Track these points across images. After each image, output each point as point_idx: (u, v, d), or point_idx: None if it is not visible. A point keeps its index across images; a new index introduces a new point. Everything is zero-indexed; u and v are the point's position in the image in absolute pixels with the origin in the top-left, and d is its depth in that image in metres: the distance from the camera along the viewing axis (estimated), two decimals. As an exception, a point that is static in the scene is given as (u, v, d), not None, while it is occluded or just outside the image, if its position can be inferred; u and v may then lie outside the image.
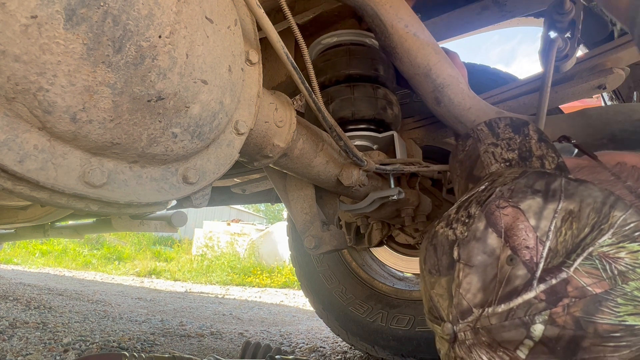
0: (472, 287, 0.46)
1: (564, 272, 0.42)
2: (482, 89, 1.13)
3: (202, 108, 0.50)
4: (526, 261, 0.44)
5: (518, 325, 0.42)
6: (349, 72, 1.08)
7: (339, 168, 0.92)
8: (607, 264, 0.41)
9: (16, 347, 1.49)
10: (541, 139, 0.58)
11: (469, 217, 0.50)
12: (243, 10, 0.63)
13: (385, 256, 1.84)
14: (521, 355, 0.42)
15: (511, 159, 0.58)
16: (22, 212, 1.89)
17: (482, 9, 1.19)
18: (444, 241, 0.51)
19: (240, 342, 1.96)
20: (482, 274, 0.46)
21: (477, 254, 0.47)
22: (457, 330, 0.46)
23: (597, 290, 0.40)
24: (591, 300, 0.40)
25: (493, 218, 0.48)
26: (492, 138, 0.61)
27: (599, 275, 0.41)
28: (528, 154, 0.57)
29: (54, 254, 7.64)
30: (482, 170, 0.60)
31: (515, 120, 0.61)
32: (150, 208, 0.53)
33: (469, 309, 0.46)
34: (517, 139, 0.59)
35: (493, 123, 0.62)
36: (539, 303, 0.42)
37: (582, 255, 0.42)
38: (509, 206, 0.48)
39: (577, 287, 0.41)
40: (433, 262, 0.52)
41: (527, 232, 0.45)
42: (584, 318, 0.39)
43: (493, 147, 0.60)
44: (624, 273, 0.40)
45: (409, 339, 1.47)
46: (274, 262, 7.88)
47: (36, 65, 0.36)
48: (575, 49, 1.01)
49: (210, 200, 2.07)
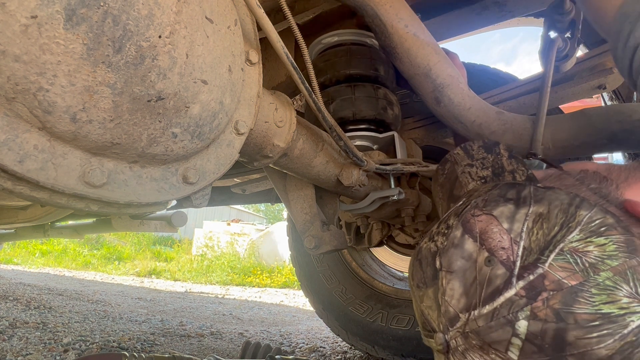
0: (455, 293, 0.48)
1: (539, 268, 0.44)
2: (482, 89, 1.13)
3: (202, 108, 0.50)
4: (503, 260, 0.46)
5: (504, 324, 0.43)
6: (349, 72, 1.08)
7: (339, 168, 0.92)
8: (578, 257, 0.43)
9: (16, 347, 1.49)
10: (511, 156, 0.63)
11: (448, 228, 0.53)
12: (243, 10, 0.63)
13: (385, 256, 1.84)
14: (513, 356, 0.43)
15: (486, 176, 0.63)
16: (22, 212, 1.89)
17: (482, 9, 1.19)
18: (427, 254, 0.54)
19: (240, 342, 1.96)
20: (462, 278, 0.48)
21: (456, 259, 0.49)
22: (448, 339, 0.48)
23: (572, 282, 0.42)
24: (568, 292, 0.42)
25: (469, 225, 0.51)
26: (468, 159, 0.66)
27: (571, 269, 0.43)
28: (500, 170, 0.62)
29: (54, 254, 7.64)
30: (461, 190, 0.64)
31: (487, 142, 0.66)
32: (150, 208, 0.53)
33: (455, 315, 0.47)
34: (490, 158, 0.64)
35: (467, 146, 0.67)
36: (520, 299, 0.43)
37: (555, 251, 0.44)
38: (483, 214, 0.51)
39: (554, 280, 0.43)
40: (420, 276, 0.54)
41: (501, 234, 0.48)
42: (563, 309, 0.41)
43: (469, 168, 0.65)
44: (594, 265, 0.42)
45: (409, 339, 1.47)
46: (274, 262, 7.88)
47: (36, 65, 0.36)
48: (575, 49, 1.01)
49: (210, 200, 2.07)
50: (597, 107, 0.87)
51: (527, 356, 0.42)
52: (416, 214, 1.28)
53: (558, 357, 0.41)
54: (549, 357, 0.41)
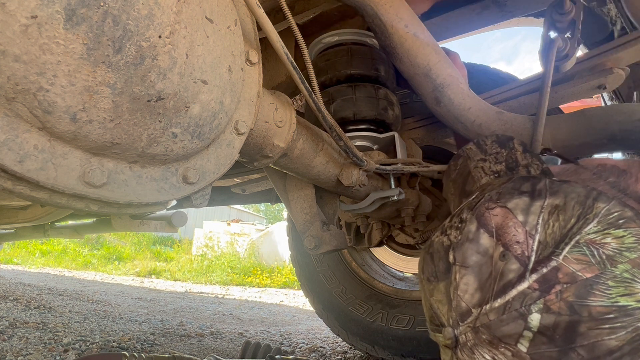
0: (469, 288, 0.48)
1: (553, 261, 0.44)
2: (482, 89, 1.13)
3: (202, 108, 0.50)
4: (518, 255, 0.46)
5: (516, 317, 0.43)
6: (350, 72, 1.08)
7: (339, 168, 0.92)
8: (595, 249, 0.43)
9: (16, 347, 1.49)
10: (526, 150, 0.63)
11: (462, 222, 0.52)
12: (243, 10, 0.63)
13: (385, 256, 1.84)
14: (522, 348, 0.43)
15: (499, 171, 0.62)
16: (22, 212, 1.89)
17: (482, 9, 1.19)
18: (440, 248, 0.54)
19: (240, 342, 1.96)
20: (477, 273, 0.48)
21: (472, 254, 0.49)
22: (457, 334, 0.47)
23: (587, 274, 0.42)
24: (582, 285, 0.41)
25: (483, 219, 0.50)
26: (481, 154, 0.66)
27: (587, 261, 0.42)
28: (515, 164, 0.62)
29: (54, 254, 7.64)
30: (473, 185, 0.64)
31: (500, 137, 0.66)
32: (150, 208, 0.53)
33: (467, 310, 0.47)
34: (504, 153, 0.64)
35: (480, 141, 0.67)
36: (532, 292, 0.43)
37: (570, 243, 0.44)
38: (498, 207, 0.50)
39: (567, 273, 0.42)
40: (431, 269, 0.54)
41: (516, 228, 0.47)
42: (577, 302, 0.41)
43: (482, 163, 0.65)
44: (612, 257, 0.42)
45: (409, 339, 1.47)
46: (274, 262, 7.88)
47: (36, 65, 0.36)
48: (575, 49, 1.01)
49: (210, 200, 2.07)
50: (597, 107, 0.87)
51: (536, 348, 0.42)
52: (416, 214, 1.28)
53: (568, 349, 0.41)
54: (558, 349, 0.41)
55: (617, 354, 0.39)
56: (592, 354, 0.40)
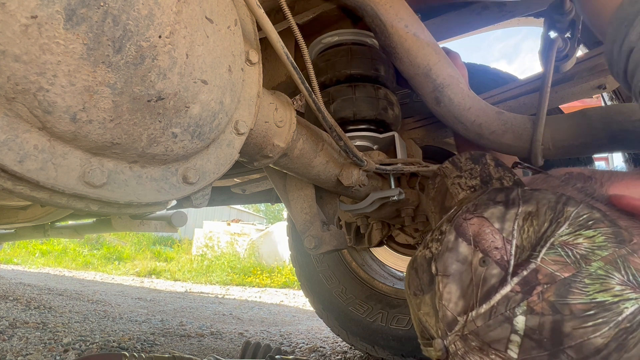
0: (452, 296, 0.49)
1: (532, 263, 0.45)
2: (482, 89, 1.13)
3: (202, 108, 0.50)
4: (497, 260, 0.47)
5: (502, 321, 0.44)
6: (350, 72, 1.08)
7: (339, 168, 0.92)
8: (569, 250, 0.45)
9: (16, 347, 1.49)
10: (497, 164, 0.66)
11: (441, 234, 0.54)
12: (243, 10, 0.63)
13: (385, 256, 1.84)
14: (512, 354, 0.43)
15: (475, 185, 0.65)
16: (22, 212, 1.89)
17: (482, 9, 1.19)
18: (423, 261, 0.55)
19: (240, 342, 1.96)
20: (459, 280, 0.49)
21: (452, 262, 0.50)
22: (447, 344, 0.48)
23: (564, 274, 0.43)
24: (561, 284, 0.43)
25: (461, 229, 0.52)
26: (457, 171, 0.69)
27: (564, 262, 0.44)
28: (488, 178, 0.65)
29: (54, 254, 7.64)
30: (452, 200, 0.67)
31: (474, 154, 0.69)
32: (150, 208, 0.53)
33: (453, 319, 0.48)
34: (478, 168, 0.67)
35: (455, 159, 0.70)
36: (515, 295, 0.44)
37: (545, 245, 0.46)
38: (474, 217, 0.52)
39: (547, 274, 0.44)
40: (416, 283, 0.55)
41: (493, 234, 0.49)
42: (558, 301, 0.42)
43: (458, 179, 0.68)
44: (586, 256, 0.44)
45: (409, 339, 1.47)
46: (274, 262, 7.89)
47: (36, 65, 0.36)
48: (575, 49, 1.01)
49: (210, 200, 2.07)
50: (597, 107, 0.87)
51: (526, 353, 0.43)
52: (416, 214, 1.28)
53: (557, 351, 0.41)
54: (547, 352, 0.42)
55: (604, 352, 0.40)
56: (581, 354, 0.41)
